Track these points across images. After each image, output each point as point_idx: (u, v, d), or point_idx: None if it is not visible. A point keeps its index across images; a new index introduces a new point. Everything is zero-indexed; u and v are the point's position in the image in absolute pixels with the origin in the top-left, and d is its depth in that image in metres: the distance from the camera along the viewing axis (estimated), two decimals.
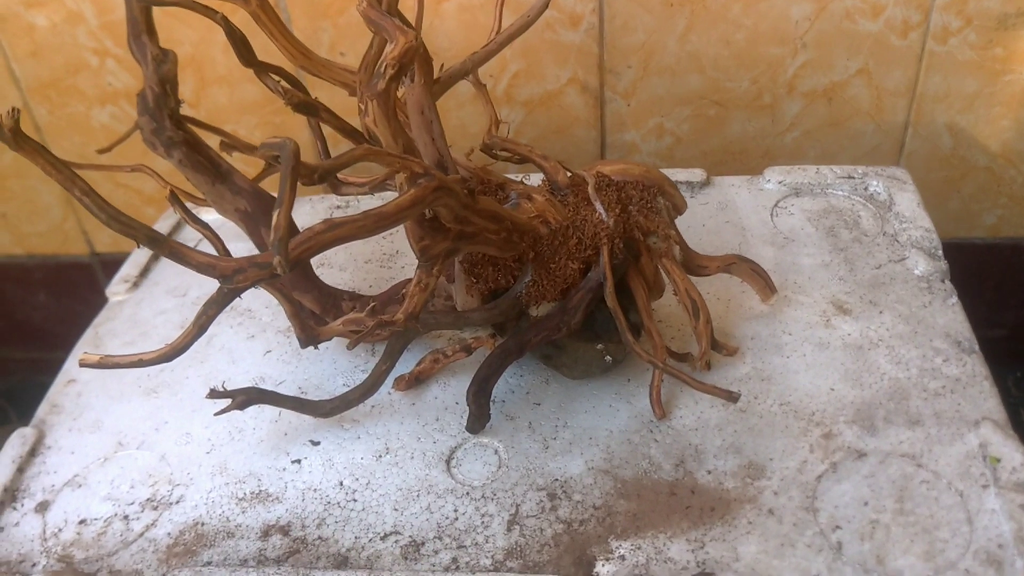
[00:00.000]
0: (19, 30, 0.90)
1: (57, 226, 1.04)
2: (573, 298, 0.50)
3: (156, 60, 0.58)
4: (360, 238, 0.39)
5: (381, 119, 0.43)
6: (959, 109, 0.87)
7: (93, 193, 0.35)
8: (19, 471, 0.55)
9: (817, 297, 0.59)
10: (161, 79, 0.56)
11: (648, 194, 0.52)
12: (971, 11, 0.81)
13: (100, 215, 0.35)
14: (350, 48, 0.88)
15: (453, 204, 0.44)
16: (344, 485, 0.51)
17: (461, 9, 0.86)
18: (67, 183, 0.35)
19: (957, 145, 0.90)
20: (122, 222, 0.35)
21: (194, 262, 0.37)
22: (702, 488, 0.49)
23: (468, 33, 0.87)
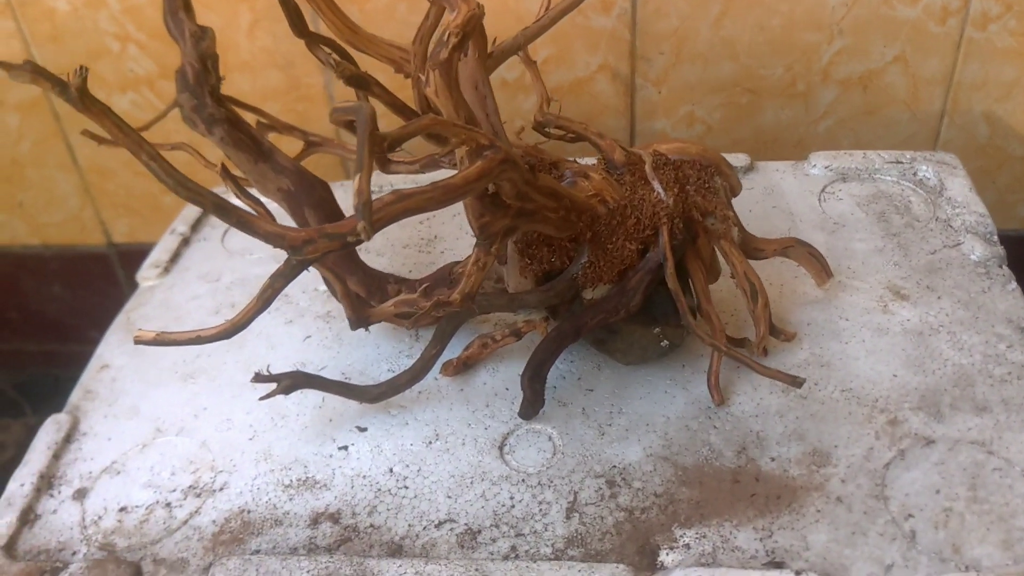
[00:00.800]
0: (40, 14, 0.88)
1: (74, 216, 1.03)
2: (631, 280, 0.49)
3: (194, 37, 0.56)
4: (428, 210, 0.38)
5: (443, 89, 0.41)
6: (996, 97, 0.86)
7: (160, 158, 0.34)
8: (55, 457, 0.53)
9: (873, 282, 0.57)
10: (201, 55, 0.55)
11: (706, 174, 0.51)
12: None
13: (167, 180, 0.34)
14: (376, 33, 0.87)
15: (516, 178, 0.42)
16: (394, 472, 0.49)
17: None
18: (134, 147, 0.33)
19: (994, 135, 0.88)
20: (189, 188, 0.34)
21: (262, 231, 0.35)
22: (766, 476, 0.47)
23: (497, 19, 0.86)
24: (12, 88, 0.93)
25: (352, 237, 0.34)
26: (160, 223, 1.02)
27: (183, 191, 0.34)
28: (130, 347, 0.60)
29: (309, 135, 0.58)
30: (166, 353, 0.59)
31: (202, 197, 0.34)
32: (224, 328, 0.39)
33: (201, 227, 0.70)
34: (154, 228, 1.03)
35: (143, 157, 0.33)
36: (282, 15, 0.89)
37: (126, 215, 1.02)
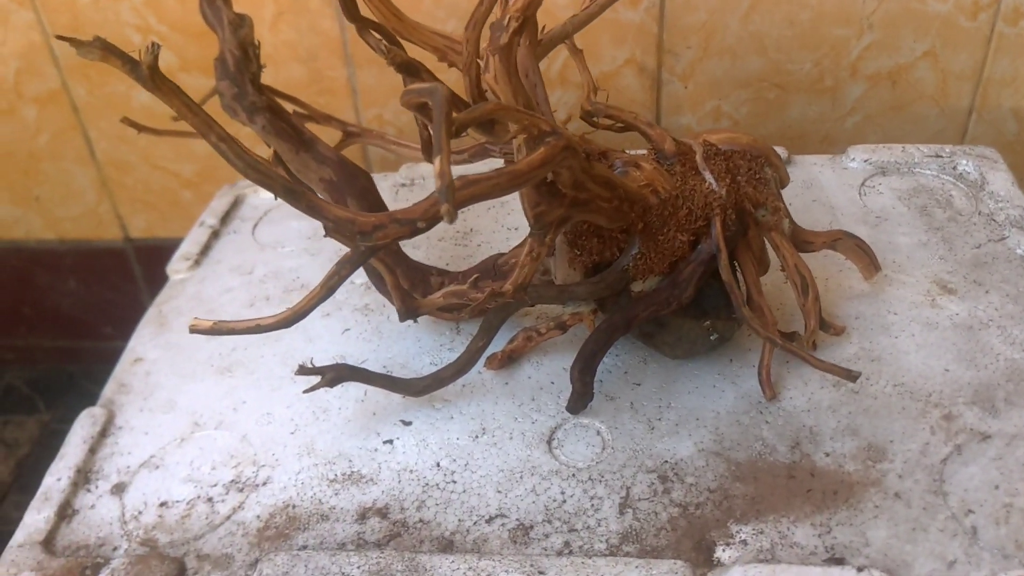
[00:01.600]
0: (60, 5, 0.87)
1: (91, 210, 1.02)
2: (683, 271, 0.48)
3: (232, 24, 0.55)
4: (493, 196, 0.37)
5: (503, 75, 0.41)
6: None
7: (230, 139, 0.33)
8: (91, 452, 0.52)
9: (919, 276, 0.56)
10: (241, 43, 0.54)
11: (756, 164, 0.50)
12: None
13: (237, 163, 0.33)
14: None
15: (575, 166, 0.41)
16: (441, 466, 0.48)
17: None
18: (203, 127, 0.32)
19: (1022, 131, 0.88)
20: (260, 171, 0.33)
21: (332, 216, 0.34)
22: (822, 471, 0.46)
23: None
24: (31, 81, 0.92)
25: (422, 223, 0.34)
26: (178, 218, 1.01)
27: (252, 173, 0.33)
28: (163, 340, 0.59)
29: (348, 125, 0.57)
30: (201, 346, 0.58)
31: (272, 180, 0.33)
32: (284, 317, 0.39)
33: (231, 220, 0.69)
34: (172, 223, 1.02)
35: (212, 138, 0.32)
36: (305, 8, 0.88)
37: (143, 210, 1.01)
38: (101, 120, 0.95)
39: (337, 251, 0.64)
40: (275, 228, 0.67)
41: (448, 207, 0.30)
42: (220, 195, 0.72)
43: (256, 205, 0.71)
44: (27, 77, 0.92)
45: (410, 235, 0.34)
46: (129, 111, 0.93)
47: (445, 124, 0.31)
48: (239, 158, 0.33)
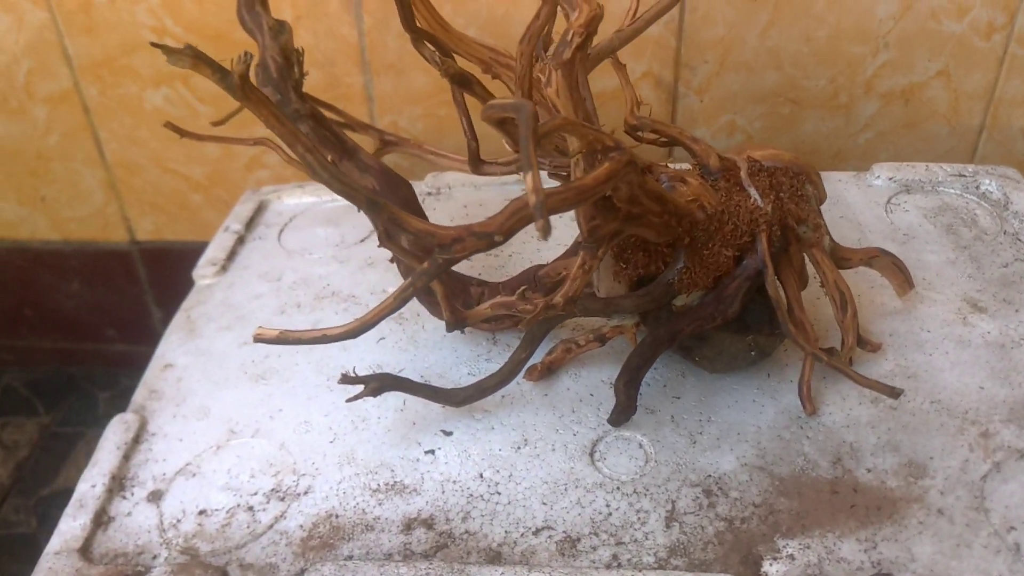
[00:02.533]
0: (76, 6, 0.87)
1: (98, 211, 1.01)
2: (729, 287, 0.48)
3: (272, 30, 0.55)
4: (561, 211, 0.37)
5: (564, 90, 0.41)
6: None
7: (315, 151, 0.33)
8: (125, 458, 0.52)
9: (950, 294, 0.57)
10: (283, 50, 0.54)
11: (797, 181, 0.51)
12: None
13: (322, 173, 0.33)
14: None
15: (634, 181, 0.42)
16: (485, 477, 0.48)
17: None
18: (290, 138, 0.32)
19: None
20: (343, 183, 0.33)
21: (413, 229, 0.34)
22: (864, 487, 0.47)
23: None
24: (42, 81, 0.92)
25: (499, 237, 0.34)
26: (186, 221, 1.00)
27: (336, 184, 0.33)
28: (193, 346, 0.59)
29: (385, 134, 0.57)
30: (232, 353, 0.58)
31: (356, 192, 0.33)
32: (352, 327, 0.39)
33: (255, 225, 0.69)
34: (180, 226, 1.01)
35: (299, 149, 0.32)
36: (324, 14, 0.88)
37: (151, 212, 1.00)
38: (112, 121, 0.94)
39: (366, 259, 0.64)
40: (301, 235, 0.67)
41: (544, 223, 0.30)
42: (244, 200, 0.71)
43: (280, 211, 0.70)
44: (38, 77, 0.92)
45: (486, 248, 0.35)
46: (141, 113, 0.93)
47: (533, 140, 0.31)
48: (324, 169, 0.33)
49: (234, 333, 0.59)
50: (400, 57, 0.87)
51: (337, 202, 0.70)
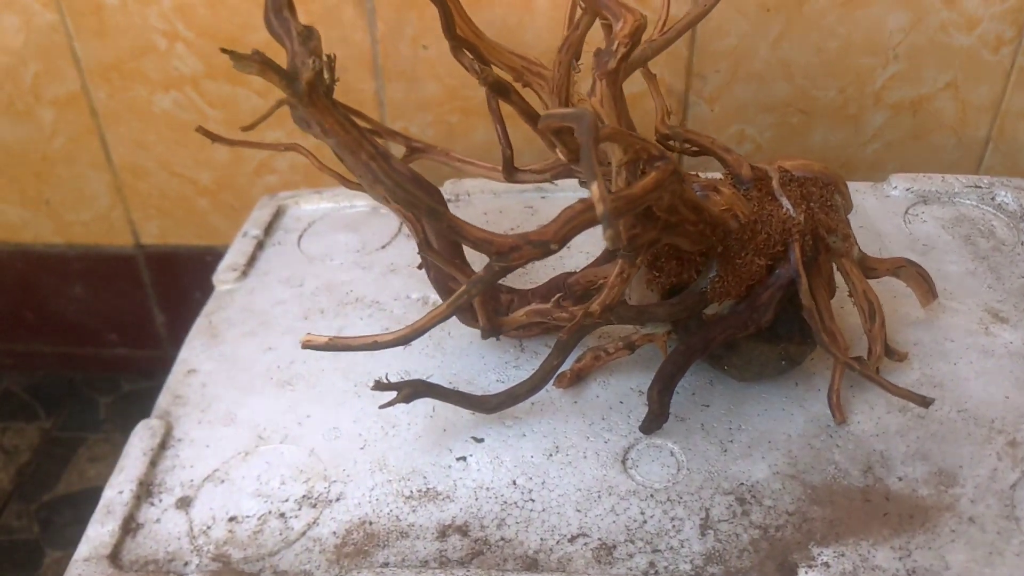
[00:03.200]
0: (87, 8, 0.86)
1: (103, 215, 1.00)
2: (762, 296, 0.49)
3: (301, 36, 0.55)
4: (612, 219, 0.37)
5: (608, 99, 0.41)
6: None
7: (379, 158, 0.33)
8: (151, 464, 0.52)
9: (971, 304, 0.58)
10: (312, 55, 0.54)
11: (827, 192, 0.51)
12: None
13: (386, 181, 0.33)
14: (434, 42, 0.86)
15: (676, 191, 0.42)
16: (518, 484, 0.48)
17: (553, 6, 0.84)
18: (355, 145, 0.32)
19: None
20: (407, 190, 0.33)
21: (471, 237, 0.34)
22: (896, 495, 0.47)
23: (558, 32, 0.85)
24: (50, 83, 0.91)
25: (555, 245, 0.34)
26: (193, 225, 1.00)
27: (400, 192, 0.33)
28: (216, 352, 0.59)
29: (412, 141, 0.57)
30: (257, 359, 0.58)
31: (418, 200, 0.33)
32: (403, 334, 0.39)
33: (274, 230, 0.69)
34: (185, 230, 1.01)
35: (363, 156, 0.32)
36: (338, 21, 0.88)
37: (157, 216, 1.00)
38: (120, 125, 0.94)
39: (388, 265, 0.64)
40: (322, 240, 0.67)
41: (612, 233, 0.30)
42: (261, 206, 0.71)
43: (299, 217, 0.70)
44: (46, 79, 0.91)
45: (541, 256, 0.35)
46: (150, 116, 0.92)
47: (595, 149, 0.31)
48: (388, 176, 0.33)
49: (258, 339, 0.59)
50: (412, 64, 0.87)
51: (356, 208, 0.70)
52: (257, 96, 0.90)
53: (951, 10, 0.81)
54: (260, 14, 0.84)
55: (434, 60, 0.87)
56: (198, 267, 1.04)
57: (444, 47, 0.89)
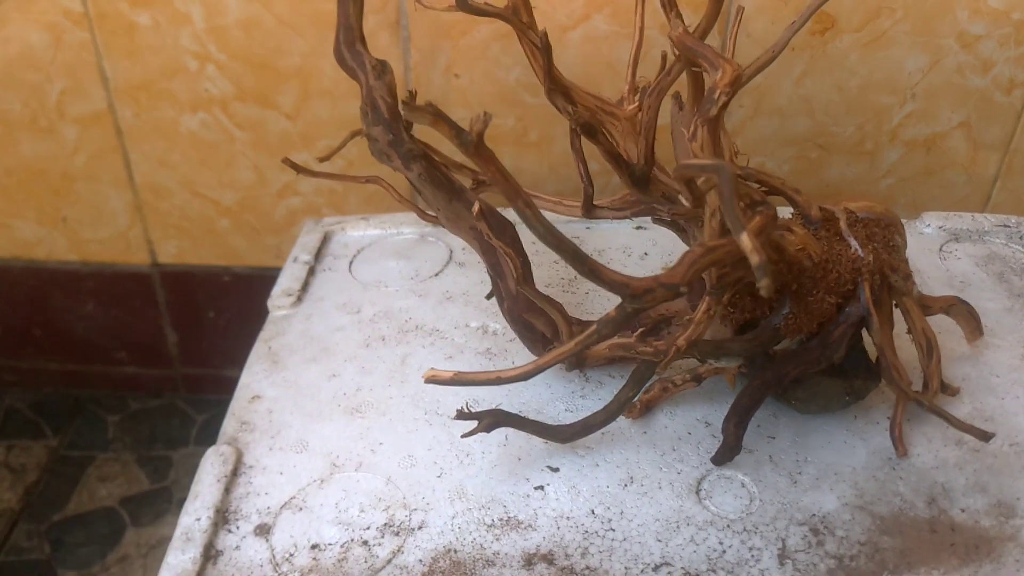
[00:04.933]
0: (119, 28, 0.86)
1: (121, 233, 1.00)
2: (834, 333, 0.51)
3: (376, 70, 0.56)
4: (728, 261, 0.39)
5: (709, 145, 0.43)
6: None
7: (533, 206, 0.34)
8: (226, 491, 0.52)
9: (1011, 341, 0.60)
10: (391, 89, 0.55)
11: (888, 232, 0.53)
12: None
13: (537, 227, 0.34)
14: (465, 71, 0.88)
15: (772, 232, 0.44)
16: (596, 514, 0.50)
17: (585, 40, 0.86)
18: (512, 193, 0.33)
19: None
20: (556, 235, 0.34)
21: (609, 280, 0.36)
22: (960, 526, 0.49)
23: (589, 65, 0.87)
24: (75, 101, 0.91)
25: (684, 288, 0.35)
26: (212, 246, 1.00)
27: (550, 238, 0.34)
28: (278, 378, 0.59)
29: (479, 174, 0.59)
30: (321, 385, 0.58)
31: (564, 245, 0.34)
32: (527, 370, 0.40)
33: (323, 256, 0.70)
34: (204, 251, 1.01)
35: (520, 203, 0.33)
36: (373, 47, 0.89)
37: (176, 236, 1.00)
38: (145, 143, 0.94)
39: (444, 293, 0.65)
40: (373, 267, 0.68)
41: (768, 282, 0.32)
42: (307, 231, 0.72)
43: (346, 243, 0.71)
44: (72, 97, 0.91)
45: (672, 298, 0.36)
46: (176, 136, 0.93)
47: (737, 200, 0.33)
48: (539, 223, 0.34)
49: (320, 365, 0.60)
50: (444, 92, 0.88)
51: (403, 235, 0.71)
52: (286, 119, 0.91)
53: (968, 53, 0.85)
54: (296, 40, 0.85)
55: (465, 88, 0.89)
56: (214, 286, 1.04)
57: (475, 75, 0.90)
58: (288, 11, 0.85)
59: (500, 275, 0.53)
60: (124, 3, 0.85)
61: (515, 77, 0.88)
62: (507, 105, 0.89)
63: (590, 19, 0.84)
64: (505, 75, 0.88)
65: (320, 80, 0.89)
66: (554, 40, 0.87)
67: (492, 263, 0.53)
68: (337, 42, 0.59)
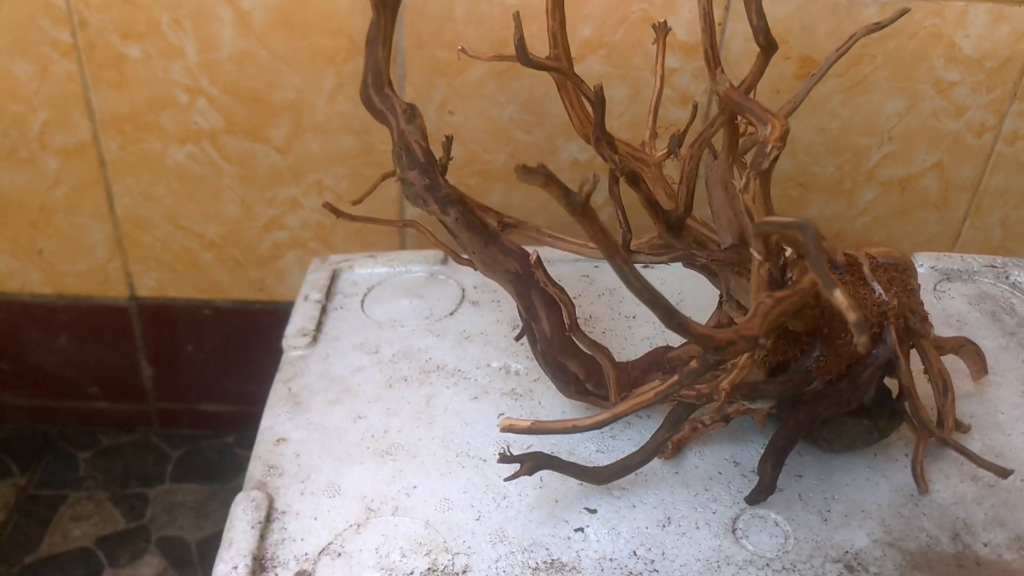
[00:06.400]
0: (108, 60, 0.85)
1: (100, 266, 0.98)
2: (863, 375, 0.52)
3: (407, 114, 0.57)
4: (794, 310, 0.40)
5: (760, 197, 0.44)
6: (1014, 206, 0.96)
7: (630, 263, 0.35)
8: (260, 538, 0.51)
9: (1011, 378, 0.63)
10: (423, 133, 0.56)
11: (906, 276, 0.55)
12: None
13: (634, 283, 0.34)
14: (460, 107, 0.88)
15: None
16: (639, 555, 0.50)
17: None
18: (611, 251, 0.34)
19: (1005, 238, 0.98)
20: (651, 291, 0.35)
21: (695, 333, 0.37)
22: (985, 560, 0.51)
23: None
24: (59, 132, 0.89)
25: (763, 340, 0.36)
26: (193, 279, 0.98)
27: (646, 293, 0.35)
28: (302, 420, 0.59)
29: (504, 216, 0.59)
30: (348, 428, 0.58)
31: (658, 299, 0.35)
32: (603, 418, 0.40)
33: (333, 295, 0.69)
34: (185, 284, 0.99)
35: (618, 260, 0.34)
36: None
37: (157, 269, 0.98)
38: (128, 176, 0.92)
39: (461, 332, 0.66)
40: (387, 306, 0.68)
41: (865, 339, 0.33)
42: (314, 269, 0.71)
43: (355, 281, 0.71)
44: (55, 128, 0.89)
45: (752, 350, 0.37)
46: (162, 169, 0.91)
47: (824, 257, 0.34)
48: (636, 279, 0.35)
49: (344, 407, 0.59)
50: (438, 128, 0.89)
51: (412, 273, 0.71)
52: (276, 153, 0.90)
53: (943, 98, 0.89)
54: (291, 76, 0.85)
55: (459, 125, 0.89)
56: (194, 320, 1.02)
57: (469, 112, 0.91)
58: (283, 46, 0.85)
59: (535, 318, 0.54)
60: (115, 36, 0.84)
61: (508, 115, 0.89)
62: (500, 142, 0.90)
63: (585, 59, 0.85)
64: (499, 112, 0.89)
65: (312, 115, 0.89)
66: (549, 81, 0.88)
67: (527, 306, 0.54)
68: (364, 85, 0.59)
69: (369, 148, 0.91)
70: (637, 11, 0.83)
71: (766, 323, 0.38)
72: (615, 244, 0.34)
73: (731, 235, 0.52)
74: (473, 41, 0.85)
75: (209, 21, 0.83)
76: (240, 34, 0.83)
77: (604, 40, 0.85)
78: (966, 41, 0.85)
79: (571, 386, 0.55)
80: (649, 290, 0.35)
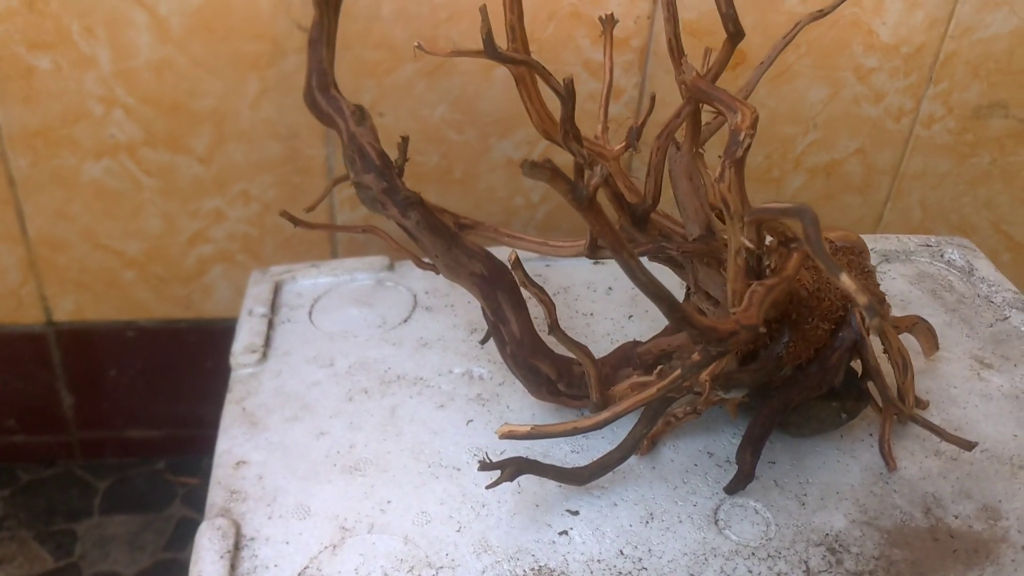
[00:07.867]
0: (15, 73, 0.80)
1: (12, 291, 0.92)
2: (831, 358, 0.53)
3: (355, 116, 0.55)
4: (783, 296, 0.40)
5: (735, 185, 0.44)
6: (931, 186, 0.99)
7: (636, 258, 0.34)
8: (231, 568, 0.49)
9: (959, 353, 0.65)
10: (375, 135, 0.54)
11: (862, 259, 0.56)
12: (954, 102, 0.93)
13: (640, 277, 0.34)
14: (390, 109, 0.87)
15: None
16: (625, 554, 0.50)
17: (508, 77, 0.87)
18: (618, 246, 0.33)
19: (924, 218, 1.02)
20: (656, 285, 0.34)
21: (700, 325, 0.36)
22: (958, 532, 0.52)
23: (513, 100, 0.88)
24: None
25: (762, 328, 0.36)
26: (114, 300, 0.94)
27: (651, 288, 0.34)
28: (261, 440, 0.56)
29: (460, 218, 0.58)
30: (311, 445, 0.56)
31: (663, 294, 0.34)
32: (604, 418, 0.39)
33: (278, 308, 0.67)
34: (106, 305, 0.95)
35: (624, 255, 0.33)
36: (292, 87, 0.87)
37: (74, 291, 0.93)
38: (41, 194, 0.87)
39: (418, 340, 0.64)
40: (335, 316, 0.66)
41: (879, 321, 0.33)
42: (255, 282, 0.68)
43: (299, 292, 0.68)
44: None
45: (752, 339, 0.37)
46: (75, 186, 0.87)
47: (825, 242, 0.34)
48: (642, 274, 0.34)
49: (304, 424, 0.57)
50: None
51: (358, 281, 0.69)
52: (199, 163, 0.87)
53: (863, 85, 0.91)
54: (213, 81, 0.82)
55: (389, 127, 0.87)
56: (116, 343, 0.97)
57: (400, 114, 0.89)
58: (203, 52, 0.81)
59: (503, 320, 0.53)
60: (22, 46, 0.79)
61: (440, 115, 0.87)
62: (432, 143, 0.89)
63: None
64: (430, 113, 0.87)
65: (236, 122, 0.85)
66: (480, 78, 0.87)
67: (494, 308, 0.53)
68: (308, 87, 0.57)
69: (296, 154, 0.88)
70: (566, 6, 0.83)
71: (762, 310, 0.37)
72: (621, 239, 0.33)
73: (698, 226, 0.52)
74: (402, 41, 0.83)
75: (123, 28, 0.79)
76: (157, 40, 0.80)
77: (535, 36, 0.84)
78: (883, 28, 0.88)
79: (543, 387, 0.54)
80: (654, 284, 0.34)
